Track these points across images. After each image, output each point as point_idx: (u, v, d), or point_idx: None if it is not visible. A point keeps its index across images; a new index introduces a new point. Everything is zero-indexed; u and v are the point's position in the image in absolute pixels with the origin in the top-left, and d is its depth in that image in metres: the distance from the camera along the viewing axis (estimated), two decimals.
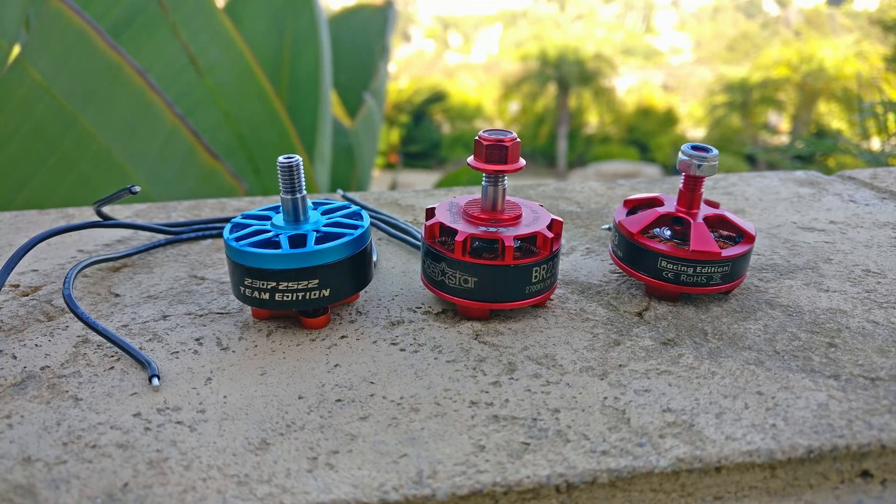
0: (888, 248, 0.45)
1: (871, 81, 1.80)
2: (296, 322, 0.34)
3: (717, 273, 0.35)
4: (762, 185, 0.58)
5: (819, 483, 0.26)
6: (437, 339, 0.33)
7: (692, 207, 0.37)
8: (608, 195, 0.56)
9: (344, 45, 2.41)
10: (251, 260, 0.32)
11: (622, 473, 0.24)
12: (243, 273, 0.32)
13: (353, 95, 2.40)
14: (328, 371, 0.30)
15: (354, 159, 2.22)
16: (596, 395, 0.29)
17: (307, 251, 0.32)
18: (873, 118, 1.35)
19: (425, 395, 0.28)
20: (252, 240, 0.32)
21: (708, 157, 0.35)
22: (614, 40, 24.50)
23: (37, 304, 0.36)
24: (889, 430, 0.26)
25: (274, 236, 0.33)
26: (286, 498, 0.23)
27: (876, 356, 0.32)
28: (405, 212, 0.52)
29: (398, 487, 0.23)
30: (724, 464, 0.25)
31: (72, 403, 0.28)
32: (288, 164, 0.33)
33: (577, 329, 0.34)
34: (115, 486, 0.23)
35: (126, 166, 1.21)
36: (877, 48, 3.70)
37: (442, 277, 0.34)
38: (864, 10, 22.94)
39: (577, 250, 0.44)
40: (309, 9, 1.89)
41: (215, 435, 0.26)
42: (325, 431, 0.26)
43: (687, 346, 0.32)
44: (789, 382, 0.29)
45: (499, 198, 0.35)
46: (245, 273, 0.32)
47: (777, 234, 0.47)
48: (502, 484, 0.24)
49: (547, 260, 0.34)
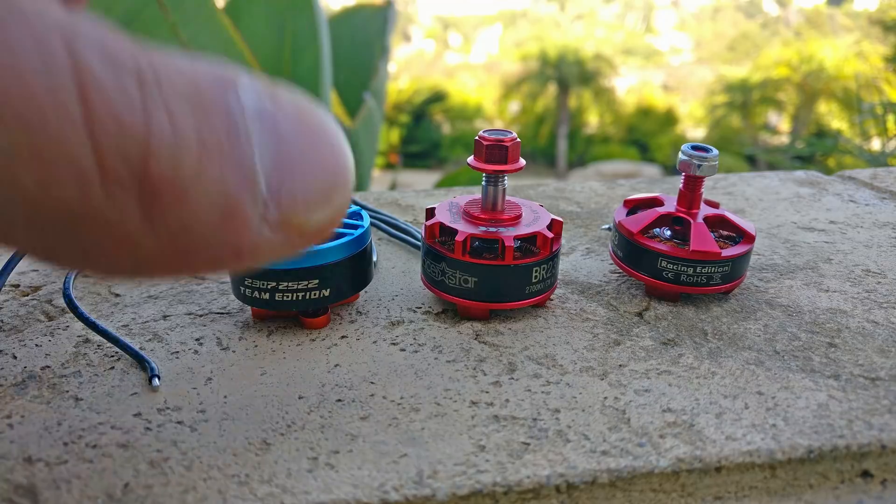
0: (888, 248, 0.45)
1: (871, 82, 1.80)
2: (296, 322, 0.34)
3: (717, 273, 0.35)
4: (762, 185, 0.58)
5: (819, 483, 0.26)
6: (438, 339, 0.33)
7: (692, 207, 0.37)
8: (608, 195, 0.56)
9: (344, 45, 2.40)
10: None
11: (622, 473, 0.24)
12: (243, 273, 0.32)
13: (353, 95, 2.40)
14: (328, 371, 0.30)
15: (354, 159, 2.22)
16: (596, 395, 0.29)
17: (308, 251, 0.32)
18: (873, 119, 1.35)
19: (425, 395, 0.28)
20: None
21: (708, 157, 0.35)
22: (614, 40, 24.50)
23: (37, 304, 0.36)
24: (889, 430, 0.26)
25: None
26: (287, 498, 0.23)
27: (876, 356, 0.32)
28: (405, 212, 0.52)
29: (398, 487, 0.23)
30: (724, 464, 0.25)
31: (72, 403, 0.28)
32: None
33: (577, 329, 0.34)
34: (116, 486, 0.23)
35: None
36: (877, 48, 3.70)
37: (442, 277, 0.34)
38: (864, 10, 22.93)
39: (577, 250, 0.44)
40: (309, 9, 1.89)
41: (216, 435, 0.26)
42: (325, 431, 0.26)
43: (687, 346, 0.32)
44: (789, 382, 0.30)
45: (499, 198, 0.35)
46: (245, 273, 0.32)
47: (777, 234, 0.47)
48: (502, 484, 0.24)
49: (547, 260, 0.34)
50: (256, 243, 0.17)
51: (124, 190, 0.14)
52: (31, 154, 0.13)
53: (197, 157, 0.15)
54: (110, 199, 0.14)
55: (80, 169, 0.13)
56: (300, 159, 0.17)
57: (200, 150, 0.15)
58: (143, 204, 0.14)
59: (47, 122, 0.13)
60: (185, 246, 0.16)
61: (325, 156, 0.17)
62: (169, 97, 0.15)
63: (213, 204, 0.15)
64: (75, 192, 0.13)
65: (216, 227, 0.16)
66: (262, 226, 0.16)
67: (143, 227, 0.15)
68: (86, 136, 0.13)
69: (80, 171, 0.13)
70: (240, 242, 0.16)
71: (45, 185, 0.13)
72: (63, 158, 0.13)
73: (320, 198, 0.17)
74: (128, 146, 0.14)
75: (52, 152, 0.13)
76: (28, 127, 0.12)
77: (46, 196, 0.13)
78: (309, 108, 0.18)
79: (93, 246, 0.15)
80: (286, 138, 0.16)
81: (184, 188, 0.15)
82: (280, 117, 0.16)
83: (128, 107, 0.14)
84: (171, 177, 0.14)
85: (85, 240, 0.15)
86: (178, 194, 0.15)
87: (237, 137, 0.15)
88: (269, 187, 0.16)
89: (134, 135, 0.14)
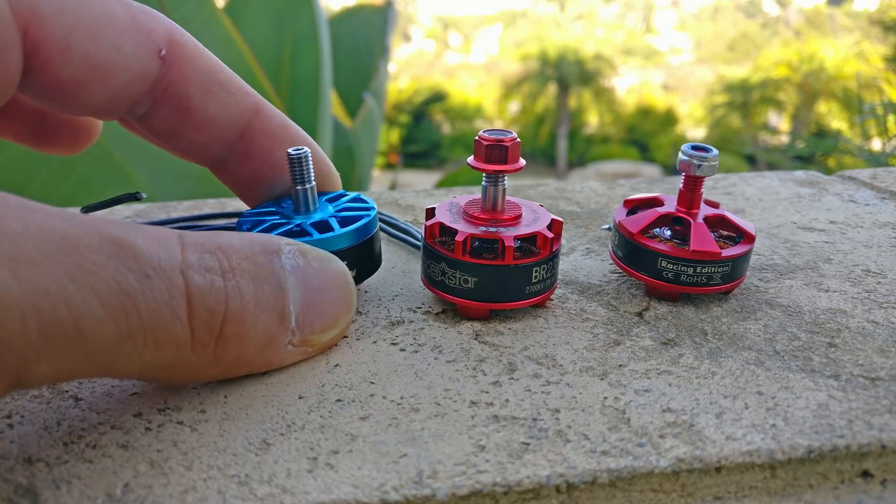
0: (888, 248, 0.45)
1: (872, 81, 1.80)
2: None
3: (717, 273, 0.35)
4: (762, 185, 0.58)
5: (819, 483, 0.26)
6: (437, 339, 0.33)
7: (692, 207, 0.37)
8: (608, 195, 0.56)
9: (344, 45, 2.40)
10: None
11: (622, 473, 0.24)
12: None
13: (353, 95, 2.40)
14: (328, 371, 0.30)
15: (354, 159, 2.22)
16: (596, 395, 0.29)
17: (336, 235, 0.33)
18: (874, 119, 1.35)
19: (425, 395, 0.28)
20: (276, 231, 0.33)
21: (708, 157, 0.35)
22: (614, 40, 24.49)
23: None
24: (889, 430, 0.26)
25: (295, 226, 0.33)
26: (286, 498, 0.23)
27: (876, 356, 0.32)
28: (405, 212, 0.52)
29: (398, 487, 0.23)
30: (724, 464, 0.25)
31: (72, 403, 0.28)
32: (298, 155, 0.33)
33: (577, 329, 0.34)
34: (116, 487, 0.23)
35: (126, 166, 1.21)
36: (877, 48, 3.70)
37: (442, 277, 0.34)
38: (864, 10, 22.92)
39: (577, 250, 0.44)
40: (309, 9, 1.88)
41: (216, 435, 0.26)
42: (325, 431, 0.26)
43: (687, 346, 0.32)
44: (789, 382, 0.30)
45: (499, 198, 0.35)
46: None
47: (777, 234, 0.47)
48: (502, 484, 0.24)
49: (547, 260, 0.34)
50: (283, 359, 0.25)
51: (205, 347, 0.21)
52: (150, 342, 0.20)
53: (254, 313, 0.22)
54: (195, 354, 0.21)
55: (180, 342, 0.21)
56: (320, 298, 0.24)
57: (257, 308, 0.22)
58: (216, 351, 0.22)
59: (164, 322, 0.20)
60: (234, 369, 0.23)
61: (339, 294, 0.25)
62: (238, 276, 0.22)
63: (259, 340, 0.23)
64: (174, 354, 0.21)
65: (258, 354, 0.23)
66: (288, 347, 0.24)
67: (212, 363, 0.22)
68: (187, 325, 0.20)
69: (179, 343, 0.21)
70: (271, 360, 0.24)
71: (156, 355, 0.20)
72: (171, 340, 0.20)
73: (333, 322, 0.26)
74: (212, 322, 0.21)
75: (164, 337, 0.20)
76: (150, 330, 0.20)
77: (155, 357, 0.20)
78: (328, 259, 0.26)
79: (174, 377, 0.23)
80: (311, 285, 0.24)
81: (243, 335, 0.22)
82: (309, 271, 0.24)
83: (215, 298, 0.21)
84: (237, 332, 0.22)
85: (172, 376, 0.23)
86: (239, 341, 0.22)
87: (281, 292, 0.22)
88: (297, 322, 0.23)
89: (217, 313, 0.21)
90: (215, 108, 0.30)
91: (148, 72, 0.27)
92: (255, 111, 0.31)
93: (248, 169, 0.32)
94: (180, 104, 0.29)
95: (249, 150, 0.32)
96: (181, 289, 0.20)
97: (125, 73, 0.27)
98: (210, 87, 0.29)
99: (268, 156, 0.32)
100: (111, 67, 0.26)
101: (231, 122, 0.30)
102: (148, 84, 0.28)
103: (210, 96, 0.29)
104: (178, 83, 0.28)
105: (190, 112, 0.29)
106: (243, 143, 0.31)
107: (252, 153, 0.32)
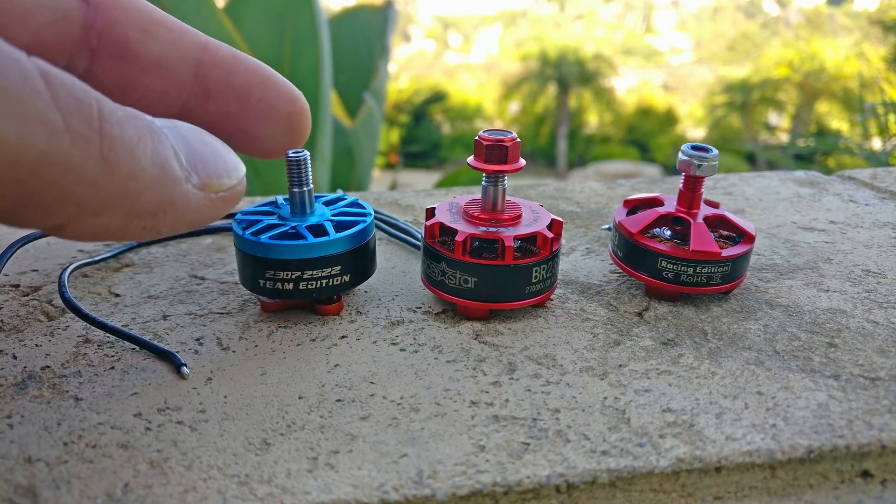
0: (888, 248, 0.45)
1: (872, 81, 1.80)
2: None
3: (717, 273, 0.35)
4: (762, 185, 0.58)
5: (819, 483, 0.26)
6: (437, 339, 0.33)
7: (692, 207, 0.37)
8: (608, 195, 0.56)
9: (344, 45, 2.40)
10: (275, 252, 0.32)
11: (622, 473, 0.24)
12: (265, 266, 0.33)
13: (353, 95, 2.40)
14: (328, 371, 0.30)
15: (354, 159, 2.22)
16: (596, 395, 0.29)
17: (330, 239, 0.33)
18: (874, 119, 1.35)
19: (425, 395, 0.28)
20: (271, 233, 0.33)
21: (708, 157, 0.35)
22: (614, 40, 24.49)
23: (37, 304, 0.36)
24: (889, 430, 0.26)
25: (290, 228, 0.33)
26: (286, 498, 0.23)
27: (876, 356, 0.32)
28: (405, 212, 0.52)
29: (398, 487, 0.23)
30: (724, 464, 0.25)
31: (72, 403, 0.28)
32: (296, 158, 0.33)
33: (577, 329, 0.34)
34: (116, 487, 0.23)
35: None
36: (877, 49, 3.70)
37: (442, 277, 0.34)
38: (864, 11, 22.93)
39: (577, 250, 0.44)
40: (309, 9, 1.89)
41: (216, 435, 0.26)
42: (325, 431, 0.26)
43: (687, 346, 0.32)
44: (789, 382, 0.30)
45: (499, 198, 0.35)
46: (267, 266, 0.33)
47: (777, 234, 0.47)
48: (502, 484, 0.24)
49: (547, 260, 0.34)
50: (188, 200, 0.23)
51: (87, 142, 0.19)
52: (10, 114, 0.18)
53: (135, 125, 0.21)
54: (76, 148, 0.19)
55: (52, 126, 0.18)
56: (202, 150, 0.24)
57: (134, 120, 0.21)
58: (104, 152, 0.20)
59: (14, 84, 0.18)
60: (134, 189, 0.21)
61: (217, 150, 0.25)
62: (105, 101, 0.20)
63: (152, 162, 0.21)
64: (47, 140, 0.18)
65: (156, 181, 0.22)
66: (188, 185, 0.23)
67: (102, 169, 0.20)
68: (49, 98, 0.18)
69: (52, 127, 0.18)
70: (174, 197, 0.23)
71: (23, 135, 0.18)
72: (37, 118, 0.18)
73: (223, 173, 0.25)
74: (85, 112, 0.19)
75: (28, 113, 0.18)
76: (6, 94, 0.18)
77: (24, 143, 0.18)
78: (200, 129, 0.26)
79: (60, 191, 0.20)
80: (190, 139, 0.24)
81: (128, 142, 0.20)
82: (183, 128, 0.24)
83: (82, 89, 0.20)
84: (119, 136, 0.20)
85: (53, 183, 0.19)
86: (126, 149, 0.20)
87: (159, 128, 0.22)
88: (188, 162, 0.23)
89: (87, 104, 0.19)
90: (158, 48, 0.29)
91: (70, 12, 0.26)
92: (202, 48, 0.30)
93: (212, 108, 0.31)
94: (120, 51, 0.28)
95: (207, 87, 0.30)
96: (33, 68, 0.18)
97: (44, 12, 0.26)
98: (148, 27, 0.28)
99: (227, 88, 0.31)
100: (26, 3, 0.25)
101: (180, 62, 0.29)
102: (76, 28, 0.27)
103: (150, 37, 0.28)
104: (112, 27, 0.27)
105: (133, 57, 0.28)
106: (199, 82, 0.30)
107: (210, 90, 0.30)
